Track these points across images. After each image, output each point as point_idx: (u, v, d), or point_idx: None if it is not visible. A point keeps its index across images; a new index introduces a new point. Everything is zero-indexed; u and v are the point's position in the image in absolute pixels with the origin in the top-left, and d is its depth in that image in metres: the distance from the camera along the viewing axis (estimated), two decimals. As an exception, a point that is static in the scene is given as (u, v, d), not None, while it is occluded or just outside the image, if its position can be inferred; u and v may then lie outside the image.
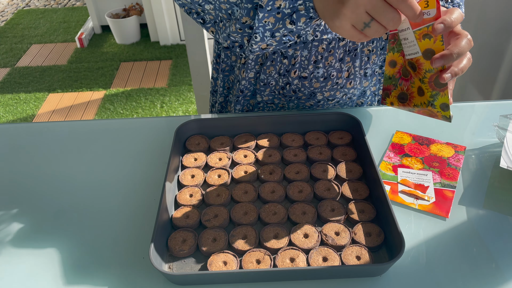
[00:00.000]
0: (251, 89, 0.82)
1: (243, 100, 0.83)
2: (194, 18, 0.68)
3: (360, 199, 0.61)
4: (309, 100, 0.80)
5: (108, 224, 0.61)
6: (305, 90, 0.78)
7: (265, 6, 0.55)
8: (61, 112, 2.58)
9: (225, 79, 0.87)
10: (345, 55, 0.75)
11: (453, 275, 0.52)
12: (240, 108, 0.85)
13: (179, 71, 2.92)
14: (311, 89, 0.77)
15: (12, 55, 3.24)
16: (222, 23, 0.66)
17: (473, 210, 0.60)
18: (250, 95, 0.83)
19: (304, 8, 0.55)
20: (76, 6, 4.15)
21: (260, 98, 0.82)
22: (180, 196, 0.62)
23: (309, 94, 0.78)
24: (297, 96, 0.79)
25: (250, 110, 0.86)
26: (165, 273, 0.49)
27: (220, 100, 0.91)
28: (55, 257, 0.56)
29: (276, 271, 0.50)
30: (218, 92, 0.90)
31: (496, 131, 0.72)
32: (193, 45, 1.77)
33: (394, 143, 0.72)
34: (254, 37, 0.59)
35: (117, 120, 0.85)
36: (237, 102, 0.84)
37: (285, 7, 0.55)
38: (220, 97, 0.90)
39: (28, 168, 0.71)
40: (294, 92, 0.79)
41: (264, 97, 0.81)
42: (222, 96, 0.90)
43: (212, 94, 0.94)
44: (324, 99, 0.80)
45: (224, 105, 0.91)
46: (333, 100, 0.80)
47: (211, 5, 0.63)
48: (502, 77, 1.65)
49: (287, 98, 0.80)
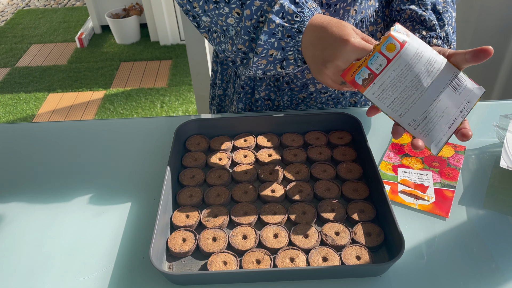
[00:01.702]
0: (251, 85, 0.83)
1: (244, 97, 0.84)
2: (190, 20, 0.69)
3: (360, 199, 0.61)
4: (302, 92, 0.81)
5: (108, 224, 0.61)
6: (297, 82, 0.79)
7: (260, 53, 0.61)
8: (61, 112, 2.58)
9: (223, 72, 0.89)
10: None
11: (453, 275, 0.52)
12: (243, 106, 0.86)
13: (179, 71, 2.92)
14: (303, 80, 0.79)
15: (12, 55, 3.24)
16: (216, 34, 0.68)
17: (473, 210, 0.60)
18: (251, 92, 0.84)
19: (293, 58, 0.62)
20: (76, 6, 4.15)
21: (258, 95, 0.83)
22: (180, 196, 0.62)
23: (302, 85, 0.80)
24: (290, 87, 0.80)
25: (251, 109, 0.86)
26: (165, 273, 0.49)
27: (219, 93, 0.92)
28: (55, 257, 0.57)
29: (276, 271, 0.50)
30: (217, 84, 0.91)
31: (496, 131, 0.72)
32: (193, 45, 1.77)
33: (394, 143, 0.72)
34: (248, 70, 0.65)
35: (117, 120, 0.85)
36: (239, 100, 0.85)
37: (277, 55, 0.62)
38: (218, 89, 0.92)
39: (28, 168, 0.71)
40: (287, 84, 0.80)
41: (261, 93, 0.83)
42: (221, 89, 0.91)
43: (212, 86, 0.95)
44: (316, 91, 0.81)
45: (223, 98, 0.93)
46: (326, 93, 0.81)
47: (209, 18, 0.65)
48: (502, 77, 1.65)
49: (281, 91, 0.81)
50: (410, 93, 0.52)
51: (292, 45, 0.60)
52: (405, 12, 0.72)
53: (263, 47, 0.60)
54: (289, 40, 0.59)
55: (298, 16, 0.58)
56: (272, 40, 0.60)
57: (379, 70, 0.52)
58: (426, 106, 0.53)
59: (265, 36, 0.59)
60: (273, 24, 0.58)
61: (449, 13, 0.70)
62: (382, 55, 0.52)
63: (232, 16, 0.61)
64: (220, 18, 0.63)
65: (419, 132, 0.53)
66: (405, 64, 0.52)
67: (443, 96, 0.52)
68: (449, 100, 0.52)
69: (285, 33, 0.58)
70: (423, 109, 0.53)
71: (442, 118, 0.53)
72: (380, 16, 0.78)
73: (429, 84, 0.52)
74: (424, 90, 0.52)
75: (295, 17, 0.58)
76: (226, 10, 0.61)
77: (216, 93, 0.93)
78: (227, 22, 0.62)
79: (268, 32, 0.59)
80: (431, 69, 0.52)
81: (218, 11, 0.62)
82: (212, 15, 0.63)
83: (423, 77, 0.52)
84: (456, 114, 0.53)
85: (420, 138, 0.53)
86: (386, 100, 0.53)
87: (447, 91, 0.52)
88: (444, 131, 0.53)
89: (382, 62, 0.52)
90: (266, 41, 0.60)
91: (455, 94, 0.52)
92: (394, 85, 0.52)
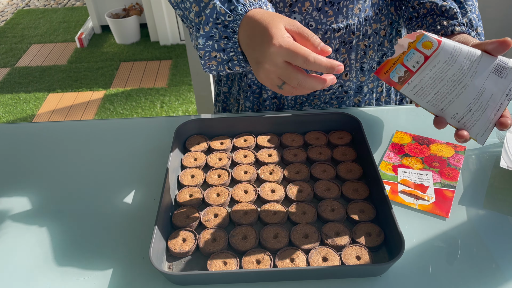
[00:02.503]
0: (259, 85, 0.83)
1: (252, 96, 0.84)
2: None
3: (360, 199, 0.61)
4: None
5: (108, 224, 0.61)
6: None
7: (203, 56, 0.59)
8: (61, 112, 2.58)
9: None
10: (340, 46, 0.76)
11: (453, 275, 0.52)
12: (250, 105, 0.85)
13: (179, 71, 2.92)
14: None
15: (12, 55, 3.24)
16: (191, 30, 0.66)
17: (473, 210, 0.60)
18: (258, 92, 0.84)
19: (236, 59, 0.59)
20: (76, 6, 4.15)
21: (266, 95, 0.83)
22: (180, 196, 0.62)
23: None
24: None
25: (259, 109, 0.86)
26: (165, 273, 0.49)
27: (224, 90, 0.92)
28: (55, 257, 0.57)
29: (276, 271, 0.50)
30: (222, 81, 0.91)
31: (496, 131, 0.72)
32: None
33: (394, 143, 0.72)
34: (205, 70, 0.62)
35: (117, 120, 0.85)
36: (246, 98, 0.85)
37: (221, 57, 0.59)
38: (223, 86, 0.92)
39: (28, 168, 0.71)
40: None
41: (268, 91, 0.82)
42: (226, 86, 0.91)
43: (217, 83, 0.95)
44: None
45: (228, 96, 0.92)
46: (329, 91, 0.81)
47: (181, 12, 0.63)
48: (502, 77, 1.65)
49: None
50: (452, 88, 0.51)
51: (231, 46, 0.57)
52: (424, 6, 0.70)
53: (204, 50, 0.58)
54: (226, 41, 0.57)
55: (231, 15, 0.55)
56: (210, 42, 0.57)
57: (416, 68, 0.51)
58: (470, 99, 0.51)
59: (203, 40, 0.57)
60: (207, 27, 0.56)
61: (472, 1, 0.68)
62: (419, 52, 0.51)
63: (193, 10, 0.59)
64: (185, 12, 0.61)
65: (463, 124, 0.51)
66: (445, 60, 0.50)
67: (488, 84, 0.50)
68: (494, 87, 0.50)
69: (222, 35, 0.56)
70: (467, 102, 0.51)
71: (488, 108, 0.50)
72: (384, 14, 0.78)
73: (472, 77, 0.50)
74: (467, 83, 0.50)
75: (228, 17, 0.55)
76: (188, 5, 0.59)
77: (221, 89, 0.93)
78: (191, 17, 0.60)
79: (205, 35, 0.57)
80: (471, 62, 0.50)
81: (183, 4, 0.61)
82: (182, 8, 0.62)
83: (465, 71, 0.50)
84: (502, 99, 0.50)
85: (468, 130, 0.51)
86: (426, 96, 0.52)
87: (491, 78, 0.50)
88: (490, 119, 0.51)
89: (419, 59, 0.51)
90: (204, 44, 0.58)
91: (501, 78, 0.50)
92: (433, 81, 0.51)
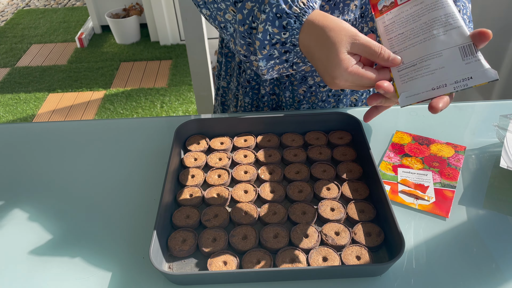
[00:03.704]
0: (258, 81, 0.83)
1: (251, 92, 0.85)
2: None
3: (360, 199, 0.61)
4: (301, 86, 0.81)
5: (108, 224, 0.61)
6: (296, 74, 0.79)
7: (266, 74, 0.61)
8: (61, 112, 2.58)
9: (227, 64, 0.89)
10: None
11: (453, 275, 0.52)
12: (249, 100, 0.86)
13: (179, 71, 2.92)
14: (302, 72, 0.79)
15: (12, 55, 3.24)
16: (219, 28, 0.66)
17: (473, 210, 0.60)
18: (257, 88, 0.84)
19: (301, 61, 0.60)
20: (76, 6, 4.15)
21: (264, 90, 0.83)
22: (180, 196, 0.62)
23: (301, 78, 0.80)
24: (290, 80, 0.81)
25: (258, 106, 0.86)
26: (165, 273, 0.49)
27: (223, 85, 0.93)
28: (55, 257, 0.57)
29: (276, 271, 0.50)
30: (222, 76, 0.92)
31: (496, 131, 0.72)
32: (193, 45, 1.76)
33: (394, 143, 0.72)
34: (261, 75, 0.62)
35: (117, 120, 0.85)
36: (245, 94, 0.85)
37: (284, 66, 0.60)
38: (223, 81, 0.92)
39: (28, 168, 0.71)
40: (287, 77, 0.80)
41: (266, 88, 0.83)
42: (225, 81, 0.92)
43: (217, 77, 0.96)
44: (315, 85, 0.81)
45: (226, 91, 0.93)
46: (325, 87, 0.81)
47: (208, 11, 0.63)
48: (502, 77, 1.65)
49: (282, 85, 0.82)
50: (415, 35, 0.49)
51: (293, 55, 0.58)
52: None
53: (267, 68, 0.59)
54: (288, 55, 0.58)
55: (286, 32, 0.55)
56: (271, 62, 0.58)
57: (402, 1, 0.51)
58: (421, 54, 0.49)
59: (264, 62, 0.58)
60: (264, 50, 0.56)
61: (462, 3, 0.68)
62: None
63: (229, 12, 0.59)
64: (218, 13, 0.61)
65: (400, 76, 0.50)
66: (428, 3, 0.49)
67: (447, 54, 0.48)
68: (450, 62, 0.48)
69: (281, 50, 0.57)
70: (417, 55, 0.49)
71: (431, 75, 0.48)
72: None
73: (438, 35, 0.48)
74: (430, 38, 0.48)
75: (283, 34, 0.55)
76: (223, 6, 0.60)
77: (221, 84, 0.93)
78: (226, 18, 0.61)
79: (265, 57, 0.57)
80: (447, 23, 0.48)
81: (216, 5, 0.60)
82: (211, 9, 0.62)
83: (436, 25, 0.48)
84: (449, 81, 0.47)
85: (397, 83, 0.50)
86: (391, 33, 0.51)
87: (454, 52, 0.48)
88: (424, 89, 0.48)
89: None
90: (266, 64, 0.58)
91: (462, 61, 0.47)
92: (406, 20, 0.50)
